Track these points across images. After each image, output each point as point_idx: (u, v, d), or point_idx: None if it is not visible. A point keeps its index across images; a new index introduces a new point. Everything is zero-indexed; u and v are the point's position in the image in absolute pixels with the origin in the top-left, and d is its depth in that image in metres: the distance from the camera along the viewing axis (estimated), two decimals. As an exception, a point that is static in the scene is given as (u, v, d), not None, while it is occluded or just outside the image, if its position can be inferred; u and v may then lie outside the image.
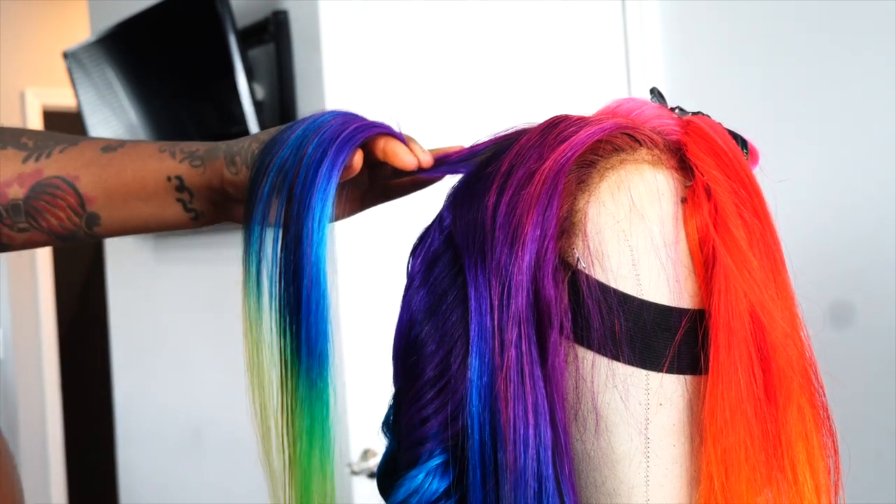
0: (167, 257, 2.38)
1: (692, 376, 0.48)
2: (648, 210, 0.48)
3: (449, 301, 0.50)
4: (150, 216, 0.68)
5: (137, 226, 0.70)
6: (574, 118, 0.52)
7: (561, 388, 0.47)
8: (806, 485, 0.48)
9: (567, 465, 0.46)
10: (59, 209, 0.68)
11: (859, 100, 1.65)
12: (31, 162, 0.68)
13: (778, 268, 0.49)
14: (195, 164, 0.66)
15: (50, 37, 3.81)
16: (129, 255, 2.61)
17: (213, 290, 2.14)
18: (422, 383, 0.51)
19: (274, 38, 1.83)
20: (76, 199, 0.68)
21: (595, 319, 0.47)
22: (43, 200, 0.67)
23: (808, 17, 1.71)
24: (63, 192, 0.68)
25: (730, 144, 0.51)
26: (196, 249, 2.22)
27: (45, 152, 0.68)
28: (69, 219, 0.68)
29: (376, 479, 0.59)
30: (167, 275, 2.39)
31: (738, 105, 1.78)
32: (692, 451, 0.48)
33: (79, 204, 0.68)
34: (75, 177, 0.67)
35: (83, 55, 2.27)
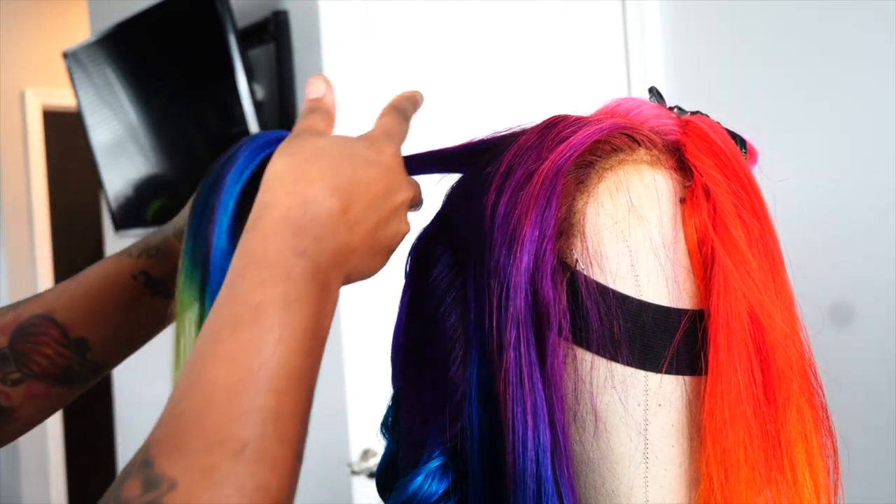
0: (167, 257, 2.37)
1: (691, 377, 0.48)
2: (647, 211, 0.48)
3: (447, 302, 0.50)
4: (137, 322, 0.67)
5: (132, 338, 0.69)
6: (572, 118, 0.52)
7: (560, 389, 0.47)
8: (805, 485, 0.48)
9: (566, 466, 0.46)
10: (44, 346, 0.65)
11: (859, 99, 1.65)
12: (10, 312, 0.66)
13: (777, 268, 0.49)
14: (152, 254, 0.66)
15: (50, 37, 3.81)
16: (129, 255, 2.61)
17: (213, 290, 2.14)
18: (420, 385, 0.51)
19: (274, 38, 1.83)
20: (58, 329, 0.65)
21: (594, 320, 0.47)
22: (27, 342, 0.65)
23: (807, 16, 1.71)
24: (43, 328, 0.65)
25: (729, 144, 0.51)
26: (196, 249, 2.21)
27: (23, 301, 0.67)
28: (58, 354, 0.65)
29: (375, 479, 0.59)
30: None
31: (737, 105, 1.78)
32: (691, 452, 0.48)
33: (62, 334, 0.65)
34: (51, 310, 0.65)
35: (83, 55, 2.27)
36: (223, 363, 0.43)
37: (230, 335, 0.43)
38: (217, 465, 0.39)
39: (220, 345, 0.43)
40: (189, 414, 0.41)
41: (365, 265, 0.52)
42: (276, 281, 0.45)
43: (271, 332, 0.44)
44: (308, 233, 0.47)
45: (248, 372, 0.42)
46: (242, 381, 0.42)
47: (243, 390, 0.42)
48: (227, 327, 0.44)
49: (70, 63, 2.34)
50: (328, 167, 0.50)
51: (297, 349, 0.44)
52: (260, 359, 0.43)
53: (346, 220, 0.49)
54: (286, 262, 0.46)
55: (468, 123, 1.75)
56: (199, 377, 0.42)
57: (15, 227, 3.80)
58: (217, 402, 0.41)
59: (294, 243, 0.46)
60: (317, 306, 0.46)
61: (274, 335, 0.44)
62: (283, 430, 0.42)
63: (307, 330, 0.45)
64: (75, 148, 2.98)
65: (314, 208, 0.48)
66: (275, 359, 0.43)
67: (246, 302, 0.45)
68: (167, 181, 2.18)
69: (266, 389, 0.42)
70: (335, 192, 0.49)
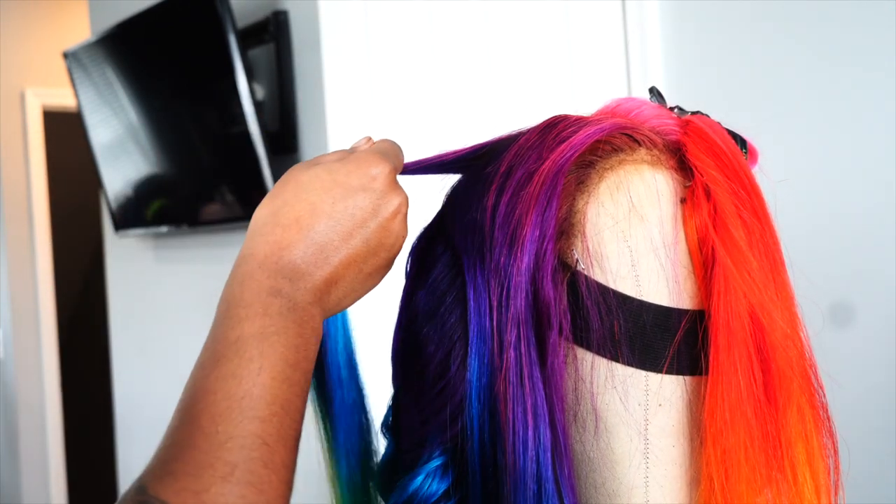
0: (167, 257, 2.38)
1: (692, 377, 0.48)
2: (648, 211, 0.48)
3: (448, 302, 0.50)
4: None
5: None
6: (573, 118, 0.52)
7: (560, 389, 0.47)
8: (806, 485, 0.48)
9: (566, 466, 0.46)
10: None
11: (859, 99, 1.65)
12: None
13: (777, 268, 0.49)
14: None
15: (50, 37, 3.81)
16: (129, 254, 2.61)
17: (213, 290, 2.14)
18: (421, 385, 0.51)
19: (274, 38, 1.83)
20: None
21: (594, 320, 0.47)
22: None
23: (807, 16, 1.71)
24: None
25: (729, 144, 0.51)
26: (196, 249, 2.22)
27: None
28: None
29: (375, 479, 0.59)
30: (167, 275, 2.39)
31: (737, 105, 1.78)
32: (692, 452, 0.48)
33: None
34: None
35: (83, 55, 2.27)
36: (208, 395, 0.44)
37: (213, 369, 0.45)
38: (207, 487, 0.41)
39: (205, 379, 0.45)
40: (179, 443, 0.43)
41: (359, 286, 0.53)
42: (253, 317, 0.47)
43: (252, 361, 0.45)
44: (283, 275, 0.49)
45: (232, 400, 0.44)
46: (228, 409, 0.44)
47: (228, 418, 0.43)
48: (210, 363, 0.46)
49: (70, 63, 2.35)
50: (306, 208, 0.51)
51: (278, 378, 0.46)
52: (242, 388, 0.44)
53: (324, 256, 0.50)
54: (262, 301, 0.48)
55: (468, 123, 1.75)
56: (187, 410, 0.44)
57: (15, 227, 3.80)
58: (204, 429, 0.43)
59: (269, 284, 0.48)
60: (296, 339, 0.47)
61: (254, 365, 0.45)
62: (268, 455, 0.43)
63: (287, 360, 0.46)
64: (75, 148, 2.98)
65: (289, 253, 0.50)
66: (256, 387, 0.45)
67: (226, 338, 0.47)
68: (167, 181, 2.18)
69: (250, 416, 0.44)
70: (311, 233, 0.50)
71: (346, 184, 0.52)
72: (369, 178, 0.52)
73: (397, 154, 0.57)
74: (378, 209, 0.52)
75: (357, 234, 0.51)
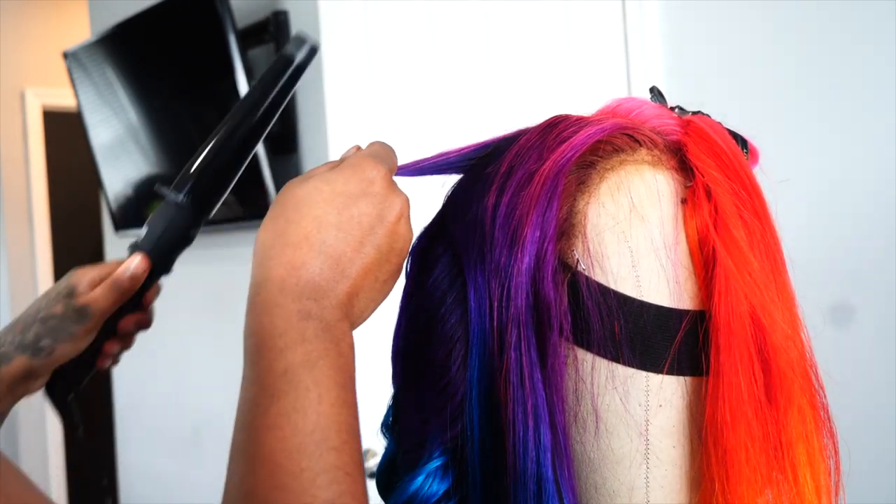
0: (167, 257, 2.37)
1: (692, 378, 0.48)
2: (648, 211, 0.48)
3: (448, 302, 0.50)
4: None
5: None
6: (574, 118, 0.52)
7: (560, 390, 0.47)
8: (807, 486, 0.48)
9: (567, 467, 0.46)
10: None
11: (859, 99, 1.65)
12: None
13: (778, 268, 0.49)
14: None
15: (50, 37, 3.81)
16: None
17: (213, 290, 2.14)
18: (421, 385, 0.51)
19: (274, 38, 1.83)
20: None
21: (595, 321, 0.47)
22: None
23: (808, 16, 1.71)
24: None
25: (730, 145, 0.51)
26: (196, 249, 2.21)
27: None
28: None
29: (375, 479, 0.59)
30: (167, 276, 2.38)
31: (737, 105, 1.78)
32: (692, 453, 0.48)
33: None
34: None
35: (83, 55, 2.27)
36: (274, 431, 0.43)
37: (271, 405, 0.44)
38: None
39: (265, 416, 0.44)
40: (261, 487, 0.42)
41: (377, 296, 0.52)
42: (293, 345, 0.45)
43: (309, 391, 0.44)
44: (307, 296, 0.47)
45: (303, 435, 0.43)
46: (303, 445, 0.42)
47: (305, 453, 0.42)
48: (263, 399, 0.44)
49: (70, 63, 2.34)
50: (311, 223, 0.49)
51: (337, 404, 0.45)
52: (309, 420, 0.43)
53: (341, 269, 0.49)
54: (296, 326, 0.46)
55: (468, 123, 1.75)
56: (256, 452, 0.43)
57: (15, 227, 3.79)
58: (286, 468, 0.42)
59: (297, 308, 0.47)
60: (339, 359, 0.46)
61: (313, 395, 0.44)
62: (352, 485, 0.43)
63: (339, 384, 0.46)
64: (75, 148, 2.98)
65: (306, 273, 0.48)
66: (322, 417, 0.44)
67: (273, 371, 0.45)
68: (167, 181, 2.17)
69: (326, 448, 0.43)
70: (323, 248, 0.49)
71: (345, 192, 0.51)
72: (367, 182, 0.52)
73: (390, 155, 0.56)
74: (383, 213, 0.51)
75: (367, 242, 0.50)
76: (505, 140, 0.54)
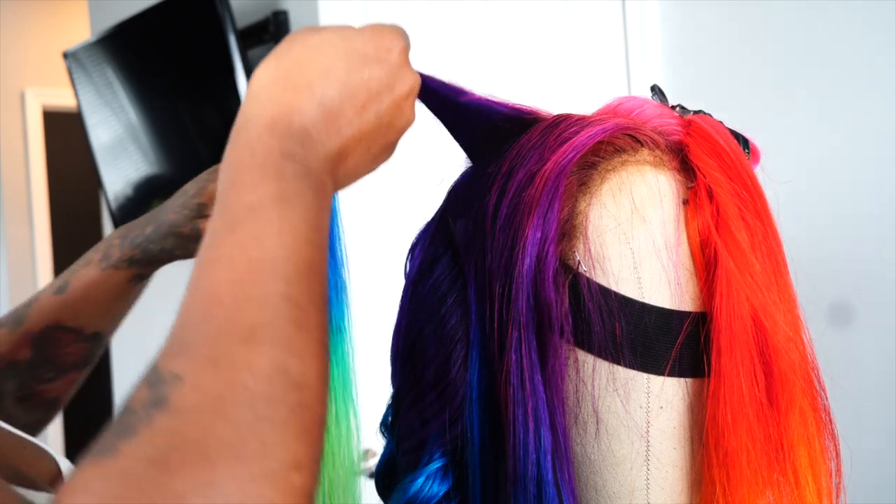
0: (167, 257, 2.37)
1: (693, 379, 0.47)
2: (650, 212, 0.48)
3: (449, 303, 0.50)
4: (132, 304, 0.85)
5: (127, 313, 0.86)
6: (575, 118, 0.51)
7: (561, 391, 0.46)
8: (808, 488, 0.47)
9: (567, 469, 0.46)
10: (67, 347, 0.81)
11: (860, 99, 1.65)
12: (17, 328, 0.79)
13: (780, 270, 0.49)
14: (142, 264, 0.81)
15: (50, 37, 3.81)
16: (128, 255, 2.60)
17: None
18: (421, 386, 0.51)
19: (274, 38, 1.83)
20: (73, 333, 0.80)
21: (596, 323, 0.46)
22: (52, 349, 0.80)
23: (808, 16, 1.71)
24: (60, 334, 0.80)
25: (732, 145, 0.50)
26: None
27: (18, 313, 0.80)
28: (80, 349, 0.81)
29: (374, 479, 0.59)
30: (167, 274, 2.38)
31: (737, 105, 1.78)
32: (693, 455, 0.47)
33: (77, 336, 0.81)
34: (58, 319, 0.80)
35: (83, 55, 2.27)
36: (224, 262, 0.40)
37: (228, 237, 0.40)
38: (223, 353, 0.36)
39: (219, 248, 0.40)
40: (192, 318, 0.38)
41: (364, 166, 0.49)
42: (267, 181, 0.42)
43: (271, 223, 0.41)
44: (295, 140, 0.45)
45: (251, 264, 0.39)
46: (247, 273, 0.39)
47: (248, 281, 0.39)
48: (223, 231, 0.41)
49: (70, 63, 2.34)
50: (318, 71, 0.47)
51: (302, 239, 0.41)
52: (263, 250, 0.40)
53: (337, 126, 0.46)
54: (276, 163, 0.43)
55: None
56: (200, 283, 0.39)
57: (15, 227, 3.79)
58: (220, 298, 0.38)
59: (282, 146, 0.44)
60: (314, 204, 0.43)
61: (274, 227, 0.41)
62: (297, 314, 0.38)
63: (308, 223, 0.42)
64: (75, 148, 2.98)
65: (300, 118, 0.45)
66: (280, 248, 0.40)
67: (240, 203, 0.42)
68: (167, 181, 2.17)
69: (273, 277, 0.39)
70: (323, 100, 0.46)
71: (361, 52, 0.48)
72: (385, 49, 0.49)
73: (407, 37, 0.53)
74: (394, 84, 0.49)
75: (371, 108, 0.48)
76: (525, 121, 0.53)
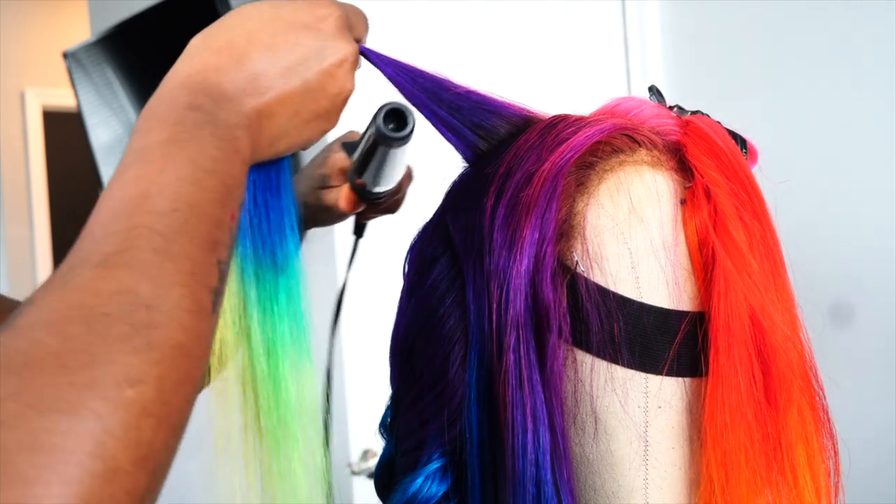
0: (167, 257, 2.37)
1: (692, 379, 0.48)
2: (648, 212, 0.48)
3: (447, 304, 0.50)
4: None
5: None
6: (573, 118, 0.52)
7: (559, 391, 0.47)
8: (806, 487, 0.47)
9: (566, 469, 0.46)
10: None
11: (859, 99, 1.65)
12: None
13: (778, 270, 0.49)
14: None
15: (50, 37, 3.81)
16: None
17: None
18: (420, 386, 0.51)
19: (273, 38, 1.83)
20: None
21: (594, 323, 0.47)
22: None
23: (807, 16, 1.71)
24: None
25: (729, 145, 0.51)
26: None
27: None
28: None
29: (374, 479, 0.59)
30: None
31: (737, 105, 1.78)
32: (691, 454, 0.48)
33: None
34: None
35: (83, 55, 2.27)
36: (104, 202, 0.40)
37: (116, 179, 0.41)
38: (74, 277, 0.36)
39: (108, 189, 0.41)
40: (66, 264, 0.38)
41: (295, 130, 0.50)
42: (164, 127, 0.43)
43: (153, 163, 0.41)
44: (206, 94, 0.45)
45: (124, 201, 0.39)
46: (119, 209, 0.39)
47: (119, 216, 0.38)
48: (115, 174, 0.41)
49: (70, 63, 2.34)
50: (242, 34, 0.48)
51: (186, 179, 0.40)
52: (138, 188, 0.40)
53: (256, 86, 0.47)
54: (176, 113, 0.44)
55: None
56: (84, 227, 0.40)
57: (15, 227, 3.80)
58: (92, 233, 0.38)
59: (188, 100, 0.44)
60: (214, 150, 0.43)
61: (156, 166, 0.41)
62: (160, 243, 0.37)
63: (198, 164, 0.41)
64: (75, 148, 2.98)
65: (216, 76, 0.46)
66: (156, 186, 0.40)
67: (134, 147, 0.42)
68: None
69: (142, 211, 0.38)
70: (242, 59, 0.47)
71: (290, 19, 0.49)
72: (316, 17, 0.50)
73: (356, 13, 0.54)
74: (323, 51, 0.50)
75: (296, 71, 0.49)
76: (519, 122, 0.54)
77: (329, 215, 0.77)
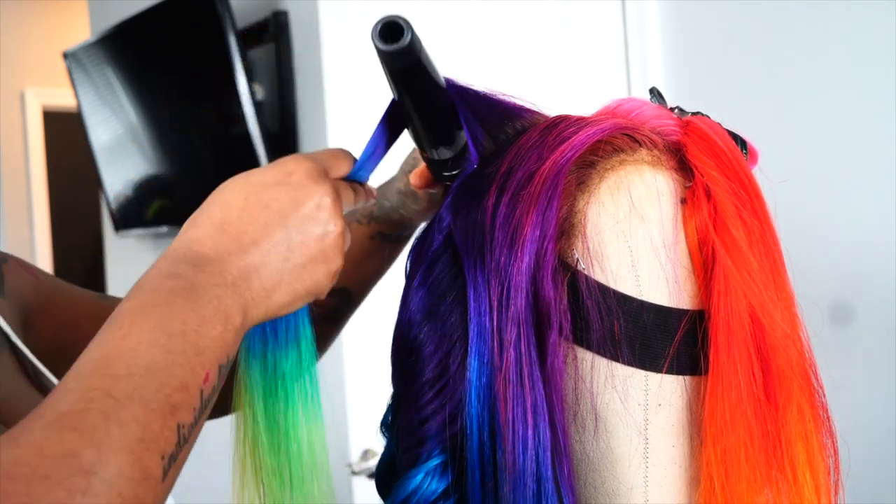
0: (167, 257, 2.37)
1: (692, 377, 0.48)
2: (648, 211, 0.48)
3: (448, 302, 0.50)
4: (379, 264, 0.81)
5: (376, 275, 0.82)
6: (574, 118, 0.52)
7: (560, 389, 0.47)
8: (806, 485, 0.48)
9: (566, 465, 0.46)
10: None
11: (859, 99, 1.65)
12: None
13: (777, 268, 0.49)
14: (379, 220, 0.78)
15: (50, 37, 3.81)
16: (129, 255, 2.61)
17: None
18: (421, 384, 0.51)
19: (274, 39, 1.83)
20: None
21: (594, 320, 0.47)
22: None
23: (807, 16, 1.71)
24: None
25: (729, 145, 0.51)
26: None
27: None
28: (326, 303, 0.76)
29: (375, 479, 0.59)
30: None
31: (737, 105, 1.78)
32: (691, 452, 0.48)
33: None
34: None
35: (83, 55, 2.27)
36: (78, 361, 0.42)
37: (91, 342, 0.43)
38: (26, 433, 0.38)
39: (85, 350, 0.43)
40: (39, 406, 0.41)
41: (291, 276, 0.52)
42: (141, 293, 0.46)
43: (119, 329, 0.43)
44: (186, 262, 0.48)
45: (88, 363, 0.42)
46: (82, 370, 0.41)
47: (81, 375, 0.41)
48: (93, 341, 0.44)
49: (70, 63, 2.35)
50: (219, 205, 0.52)
51: (147, 343, 0.43)
52: (101, 352, 0.42)
53: (238, 245, 0.50)
54: (156, 280, 0.47)
55: (468, 123, 1.75)
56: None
57: (15, 227, 3.80)
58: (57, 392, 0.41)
59: (168, 269, 0.48)
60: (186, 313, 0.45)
61: (121, 332, 0.43)
62: (111, 408, 0.39)
63: (164, 328, 0.44)
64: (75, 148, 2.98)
65: (199, 246, 0.50)
66: (116, 350, 0.42)
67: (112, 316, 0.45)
68: (167, 181, 2.18)
69: (101, 374, 0.41)
70: (223, 225, 0.51)
71: (260, 182, 0.53)
72: (285, 173, 0.53)
73: (333, 155, 0.58)
74: (298, 200, 0.53)
75: (275, 224, 0.52)
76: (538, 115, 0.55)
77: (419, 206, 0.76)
